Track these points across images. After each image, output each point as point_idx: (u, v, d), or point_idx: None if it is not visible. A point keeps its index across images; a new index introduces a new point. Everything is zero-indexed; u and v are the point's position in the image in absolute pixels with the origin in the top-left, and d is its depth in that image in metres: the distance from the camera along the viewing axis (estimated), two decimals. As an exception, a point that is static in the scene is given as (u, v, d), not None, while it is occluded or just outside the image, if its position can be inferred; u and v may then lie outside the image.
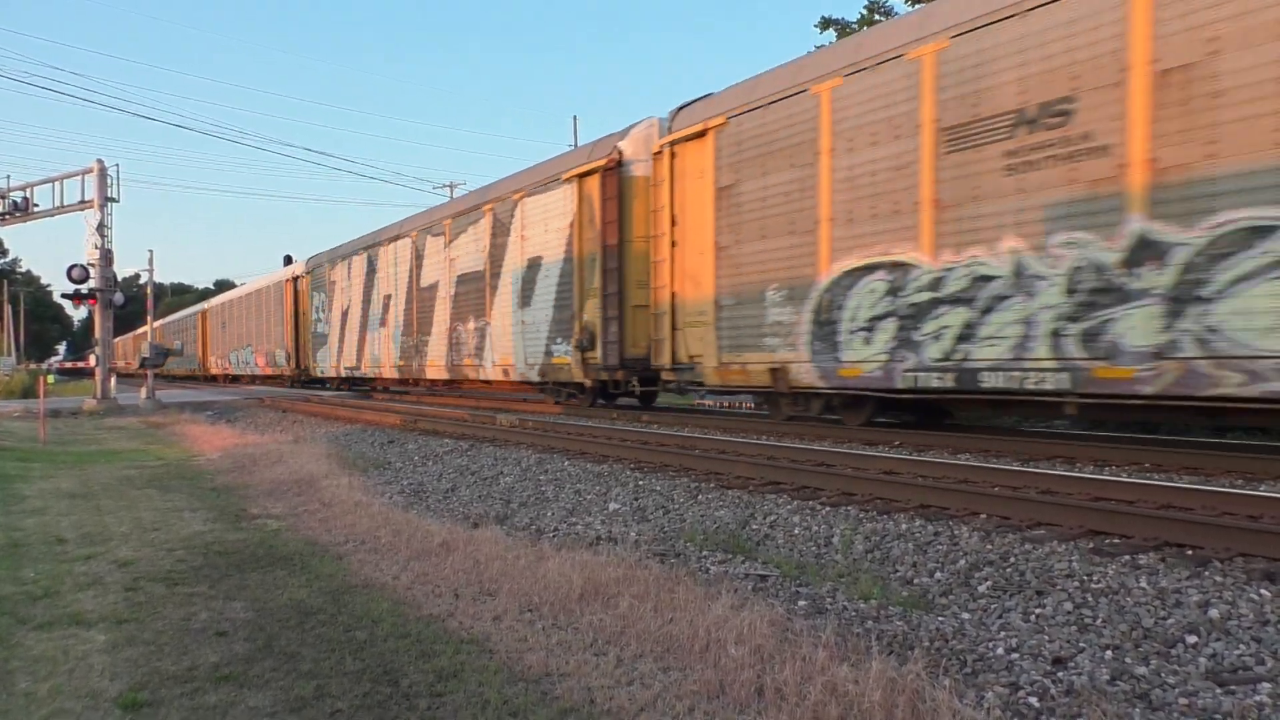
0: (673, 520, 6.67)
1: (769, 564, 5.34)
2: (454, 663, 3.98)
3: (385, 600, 5.05)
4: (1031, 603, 4.27)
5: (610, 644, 4.12)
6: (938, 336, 8.90)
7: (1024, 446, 8.65)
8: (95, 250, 23.01)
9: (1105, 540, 5.04)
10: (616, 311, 13.77)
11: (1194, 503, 5.63)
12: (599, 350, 14.07)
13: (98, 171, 23.35)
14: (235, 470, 11.14)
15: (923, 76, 9.00)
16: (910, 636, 4.01)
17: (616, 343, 13.73)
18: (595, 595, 4.74)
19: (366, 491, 8.76)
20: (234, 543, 6.78)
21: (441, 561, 5.78)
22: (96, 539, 6.97)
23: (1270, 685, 3.20)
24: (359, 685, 3.77)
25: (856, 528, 5.84)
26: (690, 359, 12.37)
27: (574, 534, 6.52)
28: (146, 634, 4.54)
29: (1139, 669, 3.44)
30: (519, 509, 7.67)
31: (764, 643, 3.78)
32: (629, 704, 3.44)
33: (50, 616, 4.86)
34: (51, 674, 3.99)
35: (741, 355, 11.43)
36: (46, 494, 9.40)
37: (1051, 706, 3.22)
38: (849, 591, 4.72)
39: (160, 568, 5.98)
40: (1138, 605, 4.07)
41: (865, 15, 21.91)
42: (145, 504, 8.71)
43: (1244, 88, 6.63)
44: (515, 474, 9.18)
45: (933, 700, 3.14)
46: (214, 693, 3.74)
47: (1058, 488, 6.36)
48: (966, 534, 5.42)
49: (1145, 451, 7.73)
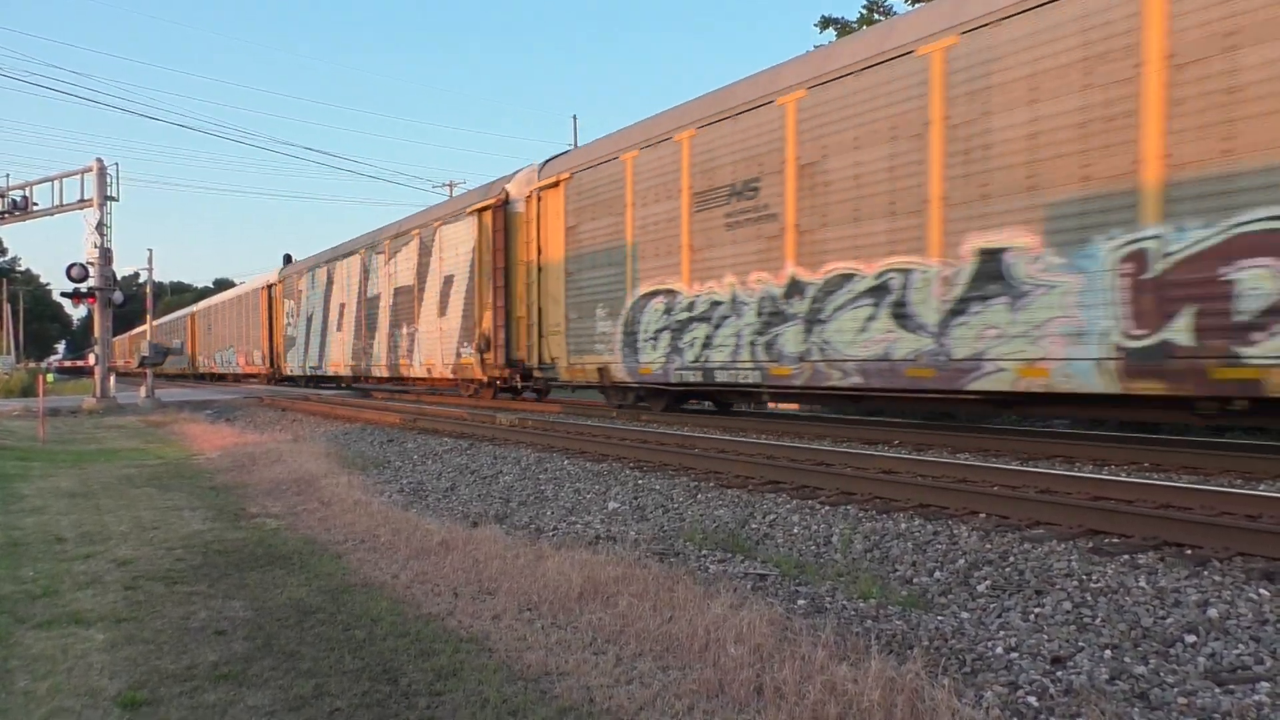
0: (672, 519, 6.68)
1: (768, 563, 5.34)
2: (453, 661, 3.98)
3: (384, 599, 5.05)
4: (1030, 602, 4.28)
5: (609, 643, 4.12)
6: (692, 344, 12.17)
7: (1023, 446, 8.66)
8: (94, 249, 22.99)
9: (1104, 540, 5.04)
10: (504, 321, 16.87)
11: (1193, 502, 5.64)
12: (493, 353, 17.16)
13: (97, 170, 23.33)
14: (234, 469, 11.14)
15: (683, 154, 12.39)
16: (909, 636, 4.01)
17: (504, 347, 16.86)
18: (594, 594, 4.74)
19: (366, 490, 8.75)
20: (233, 542, 6.78)
21: (441, 560, 5.78)
22: (96, 538, 6.97)
23: (1269, 685, 3.20)
24: (358, 684, 3.77)
25: (856, 527, 5.84)
26: (551, 360, 15.66)
27: (573, 533, 6.52)
28: (145, 633, 4.54)
29: (1138, 668, 3.44)
30: (518, 508, 7.67)
31: (763, 642, 3.78)
32: (628, 703, 3.44)
33: (49, 615, 4.86)
34: (50, 672, 3.99)
35: (583, 358, 14.66)
36: (46, 493, 9.39)
37: (1050, 706, 3.22)
38: (848, 591, 4.72)
39: (159, 567, 5.98)
40: (1137, 604, 4.07)
41: (865, 14, 21.92)
42: (144, 503, 8.71)
43: (837, 182, 10.04)
44: (514, 473, 9.18)
45: (932, 699, 3.14)
46: (213, 691, 3.74)
47: (1057, 487, 6.36)
48: (965, 533, 5.43)
49: (1144, 451, 7.73)
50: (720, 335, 11.60)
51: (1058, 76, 7.91)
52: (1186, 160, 7.02)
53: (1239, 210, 6.70)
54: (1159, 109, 7.19)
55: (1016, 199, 8.22)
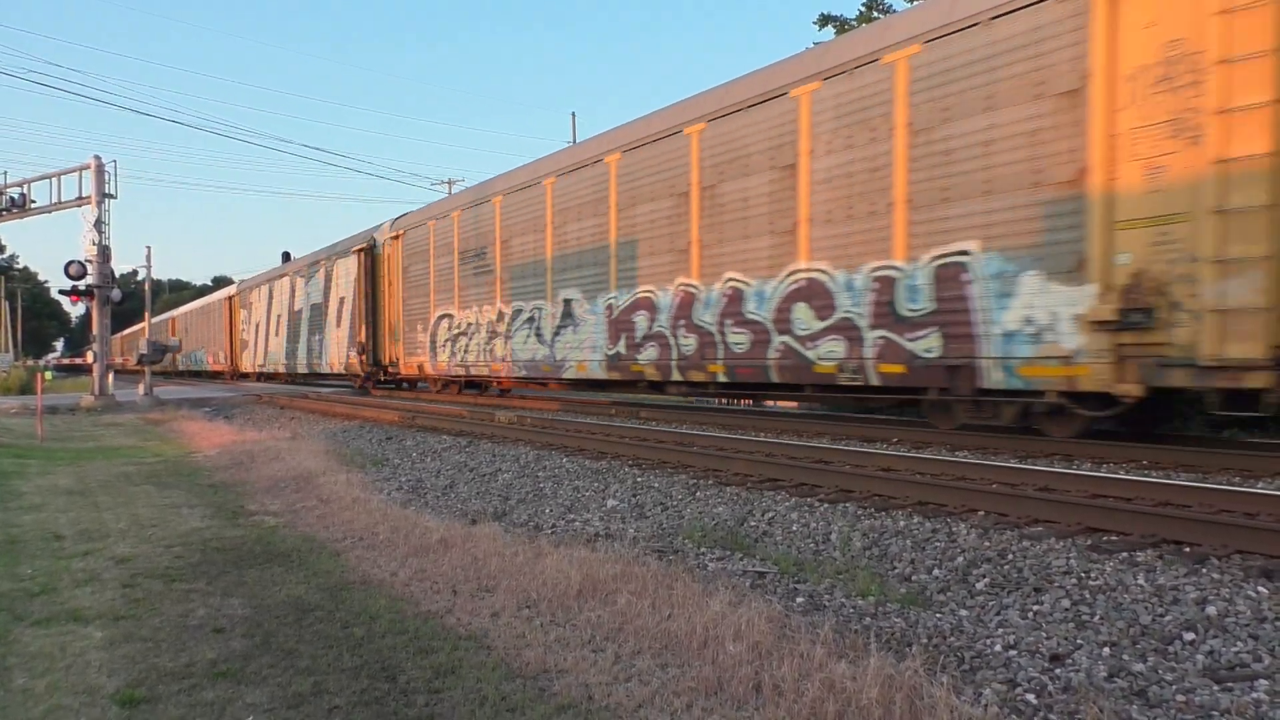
0: (671, 517, 6.68)
1: (767, 561, 5.34)
2: (452, 659, 3.97)
3: (383, 597, 5.05)
4: (1029, 600, 4.28)
5: (608, 640, 4.12)
6: (465, 350, 18.14)
7: (1022, 444, 8.66)
8: (93, 246, 22.96)
9: (1103, 537, 5.04)
10: (372, 332, 23.04)
11: (1192, 500, 5.64)
12: (368, 355, 23.24)
13: (95, 168, 23.30)
14: (233, 467, 11.13)
15: (454, 225, 18.76)
16: (908, 633, 4.01)
17: (372, 351, 23.11)
18: (593, 592, 4.74)
19: (364, 488, 8.75)
20: (232, 539, 6.77)
21: (440, 558, 5.78)
22: (94, 535, 6.96)
23: (1267, 682, 3.20)
24: (356, 681, 3.77)
25: (854, 525, 5.84)
26: (394, 360, 21.90)
27: (572, 530, 6.52)
28: (144, 630, 4.54)
29: (1136, 666, 3.45)
30: (517, 505, 7.67)
31: (762, 639, 3.78)
32: (627, 700, 3.44)
33: (48, 613, 4.85)
34: (49, 670, 3.99)
35: (412, 358, 20.84)
36: (44, 491, 9.39)
37: (1049, 703, 3.23)
38: (847, 588, 4.72)
39: (158, 564, 5.98)
40: (1135, 602, 4.07)
41: (864, 12, 21.89)
42: (143, 500, 8.70)
43: (516, 252, 16.38)
44: (513, 470, 9.17)
45: (930, 697, 3.14)
46: (211, 689, 3.73)
47: (1056, 485, 6.36)
48: (964, 531, 5.43)
49: (1143, 449, 7.73)
50: (470, 343, 17.93)
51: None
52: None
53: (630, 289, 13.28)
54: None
55: (575, 272, 14.57)
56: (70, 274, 22.64)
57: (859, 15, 21.96)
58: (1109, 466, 7.49)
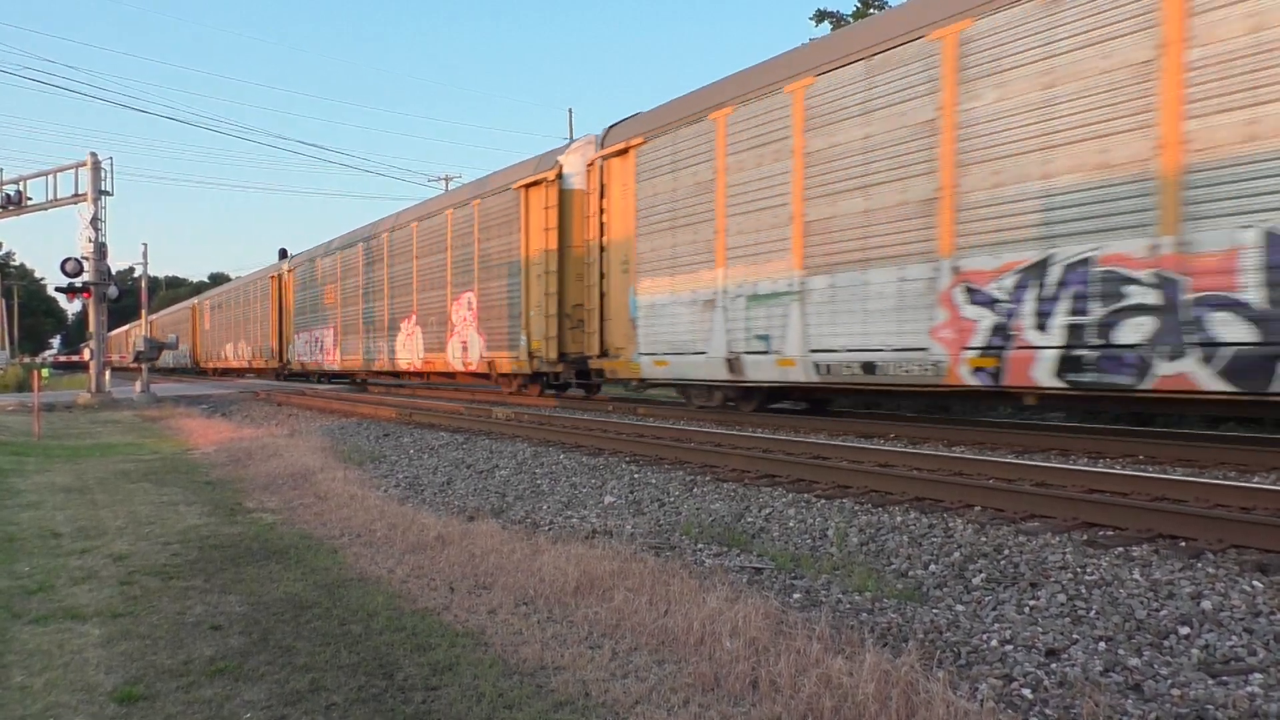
0: (668, 513, 6.68)
1: (764, 556, 5.35)
2: (449, 656, 3.98)
3: (381, 593, 5.05)
4: (1025, 595, 4.29)
5: (605, 637, 4.13)
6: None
7: (1019, 439, 8.68)
8: (89, 244, 22.91)
9: (1099, 532, 5.06)
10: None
11: (1187, 494, 5.65)
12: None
13: (91, 165, 23.24)
14: (230, 464, 11.12)
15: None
16: (904, 629, 4.02)
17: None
18: (590, 588, 4.75)
19: (362, 485, 8.75)
20: (229, 536, 6.77)
21: (437, 555, 5.78)
22: (91, 533, 6.96)
23: (1262, 676, 3.21)
24: (354, 678, 3.77)
25: (851, 520, 5.85)
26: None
27: (569, 527, 6.52)
28: (142, 628, 4.54)
29: (1132, 660, 3.46)
30: (514, 502, 7.67)
31: (759, 635, 3.79)
32: (624, 697, 3.45)
33: (45, 610, 4.85)
34: (47, 668, 3.99)
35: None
36: (41, 488, 9.38)
37: (1045, 698, 3.24)
38: (844, 584, 4.73)
39: (155, 561, 5.98)
40: (1131, 597, 4.08)
41: (860, 9, 21.86)
42: (140, 498, 8.70)
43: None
44: (511, 467, 9.18)
45: (927, 692, 3.15)
46: (209, 686, 3.74)
47: (1052, 480, 6.38)
48: (961, 526, 5.44)
49: (1139, 444, 7.76)
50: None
51: None
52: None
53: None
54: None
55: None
56: (67, 271, 22.60)
57: (855, 11, 21.94)
58: (1105, 461, 7.51)
